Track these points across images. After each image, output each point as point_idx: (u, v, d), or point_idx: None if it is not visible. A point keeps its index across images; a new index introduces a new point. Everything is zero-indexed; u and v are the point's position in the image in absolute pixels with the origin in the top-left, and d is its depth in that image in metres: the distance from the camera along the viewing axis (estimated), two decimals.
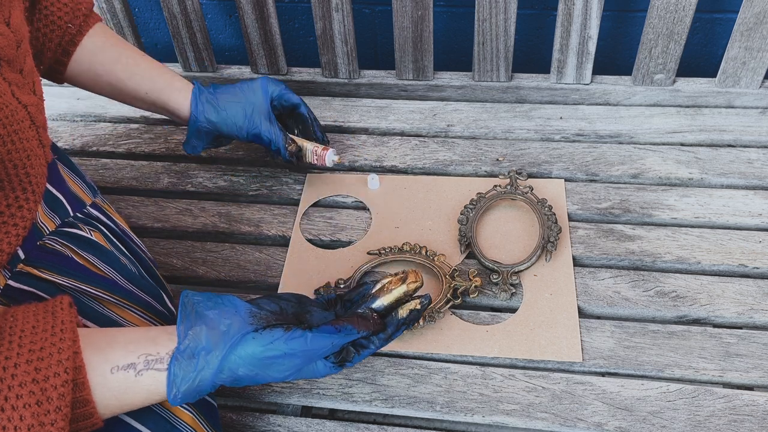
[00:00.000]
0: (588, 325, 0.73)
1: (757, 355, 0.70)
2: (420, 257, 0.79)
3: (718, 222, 0.83)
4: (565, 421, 0.66)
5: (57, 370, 0.46)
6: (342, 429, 0.68)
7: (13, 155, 0.50)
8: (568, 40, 0.96)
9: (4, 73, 0.51)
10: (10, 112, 0.49)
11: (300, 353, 0.52)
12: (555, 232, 0.80)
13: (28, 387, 0.44)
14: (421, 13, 0.96)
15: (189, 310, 0.53)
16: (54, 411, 0.45)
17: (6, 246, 0.53)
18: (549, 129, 0.97)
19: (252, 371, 0.52)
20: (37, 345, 0.46)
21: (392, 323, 0.58)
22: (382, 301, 0.59)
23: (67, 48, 0.74)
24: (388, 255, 0.80)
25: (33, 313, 0.49)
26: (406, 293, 0.59)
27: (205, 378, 0.51)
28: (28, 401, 0.44)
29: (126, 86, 0.78)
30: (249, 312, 0.54)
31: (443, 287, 0.76)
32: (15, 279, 0.57)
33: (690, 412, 0.66)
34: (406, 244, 0.80)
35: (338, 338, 0.54)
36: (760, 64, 0.94)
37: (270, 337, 0.52)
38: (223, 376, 0.52)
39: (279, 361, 0.52)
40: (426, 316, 0.73)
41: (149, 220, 0.89)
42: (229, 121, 0.81)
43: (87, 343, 0.50)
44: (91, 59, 0.76)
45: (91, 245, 0.64)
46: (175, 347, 0.51)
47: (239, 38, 1.25)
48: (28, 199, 0.54)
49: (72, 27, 0.73)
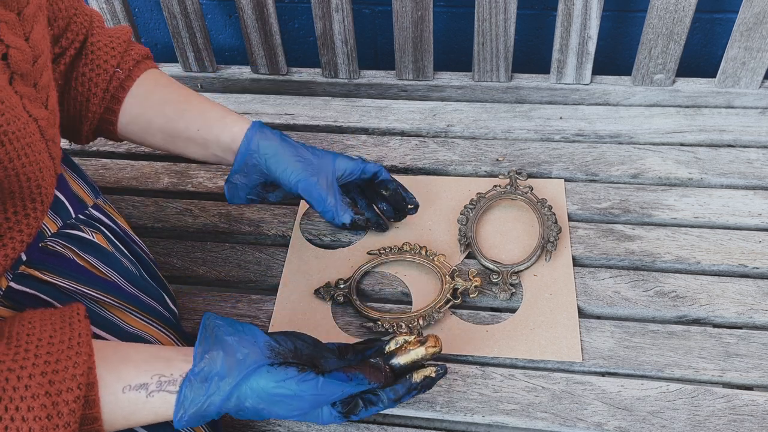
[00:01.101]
0: (588, 325, 0.73)
1: (756, 355, 0.70)
2: (420, 257, 0.79)
3: (718, 222, 0.83)
4: (565, 421, 0.66)
5: (71, 385, 0.46)
6: (342, 429, 0.68)
7: (27, 168, 0.51)
8: (567, 40, 0.96)
9: (16, 86, 0.51)
10: (22, 125, 0.50)
11: (309, 396, 0.53)
12: (555, 232, 0.80)
13: (40, 400, 0.44)
14: (421, 13, 0.96)
15: (209, 333, 0.54)
16: (63, 426, 0.45)
17: (10, 251, 0.53)
18: (549, 129, 0.97)
19: (259, 404, 0.52)
20: (53, 357, 0.46)
21: (405, 384, 0.58)
22: (398, 360, 0.58)
23: (117, 94, 0.69)
24: (388, 255, 0.80)
25: (50, 322, 0.49)
26: (424, 357, 0.59)
27: (214, 403, 0.51)
28: (39, 414, 0.44)
29: (177, 127, 0.71)
30: (268, 345, 0.55)
31: (443, 287, 0.76)
32: (17, 281, 0.57)
33: (690, 412, 0.66)
34: (406, 244, 0.80)
35: (349, 387, 0.54)
36: (760, 64, 0.94)
37: (284, 374, 0.52)
38: (230, 405, 0.52)
39: (287, 401, 0.53)
40: (425, 317, 0.73)
41: (149, 220, 0.89)
42: (284, 166, 0.71)
43: (100, 358, 0.49)
44: (141, 104, 0.70)
45: (93, 247, 0.64)
46: (189, 369, 0.52)
47: (239, 38, 1.25)
48: (36, 208, 0.54)
49: (121, 72, 0.69)
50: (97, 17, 0.70)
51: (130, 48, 0.71)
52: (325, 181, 0.73)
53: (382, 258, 0.80)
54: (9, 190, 0.51)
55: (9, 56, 0.50)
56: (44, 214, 0.56)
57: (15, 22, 0.51)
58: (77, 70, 0.67)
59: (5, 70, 0.50)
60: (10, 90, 0.49)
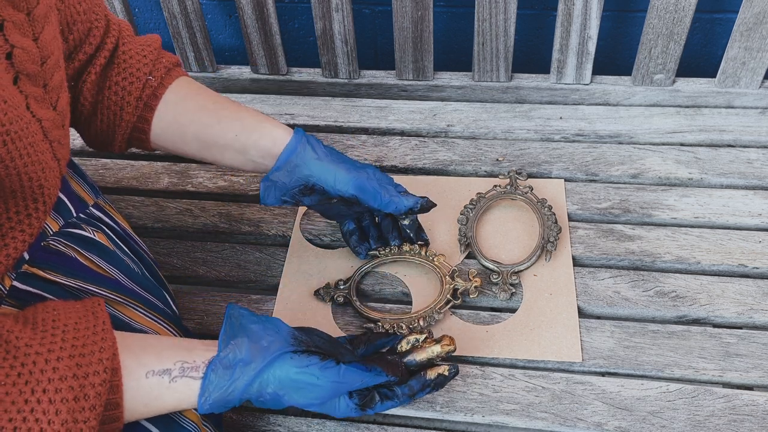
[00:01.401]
0: (588, 325, 0.73)
1: (756, 355, 0.70)
2: (419, 257, 0.79)
3: (718, 222, 0.83)
4: (565, 421, 0.66)
5: (97, 368, 0.47)
6: (342, 429, 0.68)
7: (29, 168, 0.51)
8: (568, 40, 0.96)
9: (22, 86, 0.51)
10: (24, 124, 0.50)
11: (329, 384, 0.54)
12: (555, 232, 0.80)
13: (68, 382, 0.45)
14: (421, 13, 0.96)
15: (234, 322, 0.56)
16: (89, 409, 0.46)
17: (12, 251, 0.54)
18: (549, 129, 0.97)
19: (280, 390, 0.54)
20: (79, 341, 0.47)
21: (419, 381, 0.60)
22: (413, 357, 0.61)
23: (150, 102, 0.68)
24: (387, 255, 0.80)
25: (74, 310, 0.50)
26: (438, 354, 0.61)
27: (237, 389, 0.52)
28: (66, 396, 0.45)
29: (213, 133, 0.69)
30: (291, 334, 0.56)
31: (443, 288, 0.76)
32: (20, 280, 0.57)
33: (690, 412, 0.66)
34: (405, 244, 0.80)
35: (368, 377, 0.56)
36: (760, 64, 0.94)
37: (307, 361, 0.54)
38: (253, 390, 0.53)
39: (308, 388, 0.54)
40: (426, 317, 0.73)
41: (149, 220, 0.89)
42: (332, 168, 0.70)
43: (123, 345, 0.51)
44: (175, 111, 0.69)
45: (95, 246, 0.65)
46: (213, 356, 0.53)
47: (239, 38, 1.25)
48: (37, 208, 0.55)
49: (153, 80, 0.68)
50: (126, 26, 0.70)
51: (161, 56, 0.70)
52: (374, 178, 0.72)
53: (381, 258, 0.80)
54: (10, 189, 0.51)
55: (13, 56, 0.50)
56: (46, 215, 0.57)
57: (23, 22, 0.51)
58: (110, 80, 0.67)
59: (9, 69, 0.50)
60: (14, 89, 0.50)
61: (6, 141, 0.48)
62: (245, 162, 0.71)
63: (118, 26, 0.69)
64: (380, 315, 0.75)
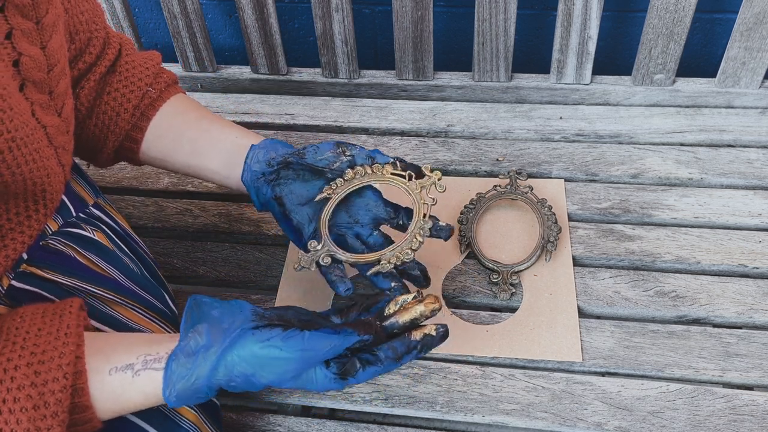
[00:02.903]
0: (588, 325, 0.73)
1: (757, 355, 0.70)
2: (372, 177, 0.68)
3: (718, 222, 0.83)
4: (565, 421, 0.66)
5: (56, 375, 0.46)
6: (342, 429, 0.68)
7: (34, 174, 0.51)
8: (568, 40, 0.96)
9: (27, 93, 0.52)
10: (30, 131, 0.50)
11: (297, 355, 0.50)
12: (555, 232, 0.80)
13: (26, 390, 0.45)
14: (421, 13, 0.96)
15: (194, 312, 0.53)
16: (51, 416, 0.45)
17: (11, 252, 0.54)
18: (549, 129, 0.97)
19: (248, 370, 0.51)
20: (39, 348, 0.47)
21: (404, 342, 0.54)
22: (396, 319, 0.55)
23: (147, 112, 0.69)
24: (338, 188, 0.68)
25: (41, 315, 0.49)
26: (423, 314, 0.55)
27: (202, 375, 0.50)
28: (25, 405, 0.44)
29: (211, 136, 0.69)
30: (253, 311, 0.54)
31: (413, 198, 0.67)
32: (18, 279, 0.57)
33: (690, 412, 0.66)
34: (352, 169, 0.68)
35: (337, 339, 0.51)
36: (760, 64, 0.94)
37: (268, 334, 0.51)
38: (220, 376, 0.51)
39: (275, 363, 0.50)
40: (421, 231, 0.66)
41: (149, 220, 0.89)
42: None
43: (91, 346, 0.50)
44: (172, 119, 0.70)
45: (94, 245, 0.65)
46: (176, 346, 0.51)
47: (239, 38, 1.25)
48: (38, 210, 0.55)
49: (153, 92, 0.70)
50: (127, 40, 0.72)
51: (162, 71, 0.72)
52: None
53: (336, 194, 0.67)
54: (14, 192, 0.51)
55: (21, 63, 0.51)
56: (47, 218, 0.57)
57: (32, 30, 0.52)
58: (110, 86, 0.68)
59: (16, 76, 0.50)
60: (20, 96, 0.50)
61: (12, 147, 0.48)
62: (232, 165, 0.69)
63: (119, 39, 0.70)
64: (375, 255, 0.66)
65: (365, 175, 0.68)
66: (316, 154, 0.68)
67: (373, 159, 0.69)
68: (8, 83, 0.48)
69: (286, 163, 0.67)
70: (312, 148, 0.68)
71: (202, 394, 0.51)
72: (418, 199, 0.67)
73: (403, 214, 0.69)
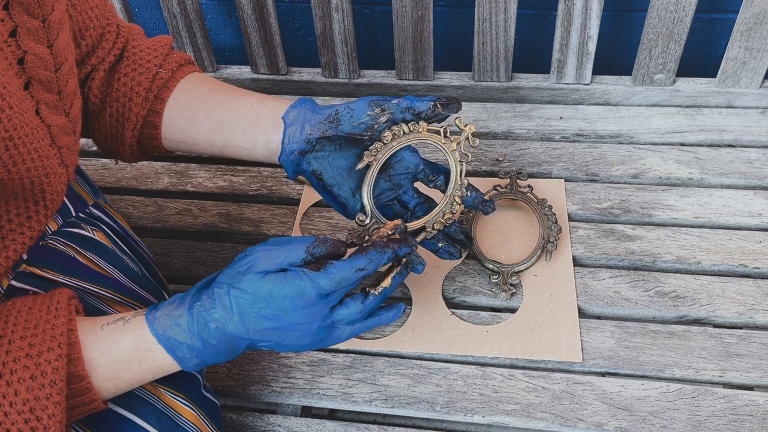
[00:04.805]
0: (588, 325, 0.73)
1: (757, 355, 0.70)
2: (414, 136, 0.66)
3: (718, 222, 0.83)
4: (565, 421, 0.66)
5: (51, 344, 0.47)
6: (342, 429, 0.68)
7: (32, 173, 0.51)
8: (568, 40, 0.96)
9: (33, 91, 0.52)
10: (30, 130, 0.50)
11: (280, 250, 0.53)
12: (555, 232, 0.80)
13: (22, 362, 0.46)
14: (421, 13, 0.96)
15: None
16: (49, 385, 0.46)
17: (12, 253, 0.54)
18: (549, 129, 0.97)
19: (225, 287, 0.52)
20: (31, 323, 0.48)
21: (376, 247, 0.56)
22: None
23: (160, 94, 0.66)
24: (379, 153, 0.66)
25: (32, 298, 0.51)
26: (387, 232, 0.61)
27: (183, 303, 0.53)
28: (22, 375, 0.45)
29: (227, 108, 0.66)
30: None
31: (450, 157, 0.67)
32: (18, 279, 0.57)
33: (690, 412, 0.66)
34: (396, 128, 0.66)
35: (307, 238, 0.55)
36: (760, 64, 0.94)
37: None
38: (203, 301, 0.52)
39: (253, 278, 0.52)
40: (463, 189, 0.68)
41: (149, 220, 0.89)
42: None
43: (82, 319, 0.52)
44: (188, 95, 0.67)
45: (94, 245, 0.65)
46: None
47: (239, 38, 1.25)
48: (38, 211, 0.55)
49: (164, 72, 0.67)
50: (137, 29, 0.70)
51: (172, 52, 0.69)
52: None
53: (377, 160, 0.66)
54: (12, 192, 0.51)
55: (26, 61, 0.50)
56: (48, 219, 0.57)
57: (38, 28, 0.51)
58: (119, 72, 0.66)
59: (21, 74, 0.50)
60: (23, 95, 0.50)
61: (8, 146, 0.48)
62: (254, 139, 0.66)
63: (128, 29, 0.69)
64: (421, 222, 0.68)
65: (403, 135, 0.66)
66: (352, 118, 0.64)
67: (413, 109, 0.65)
68: (10, 81, 0.48)
69: (325, 138, 0.65)
70: (346, 111, 0.64)
71: (185, 326, 0.52)
72: (455, 159, 0.68)
73: (442, 176, 0.70)
